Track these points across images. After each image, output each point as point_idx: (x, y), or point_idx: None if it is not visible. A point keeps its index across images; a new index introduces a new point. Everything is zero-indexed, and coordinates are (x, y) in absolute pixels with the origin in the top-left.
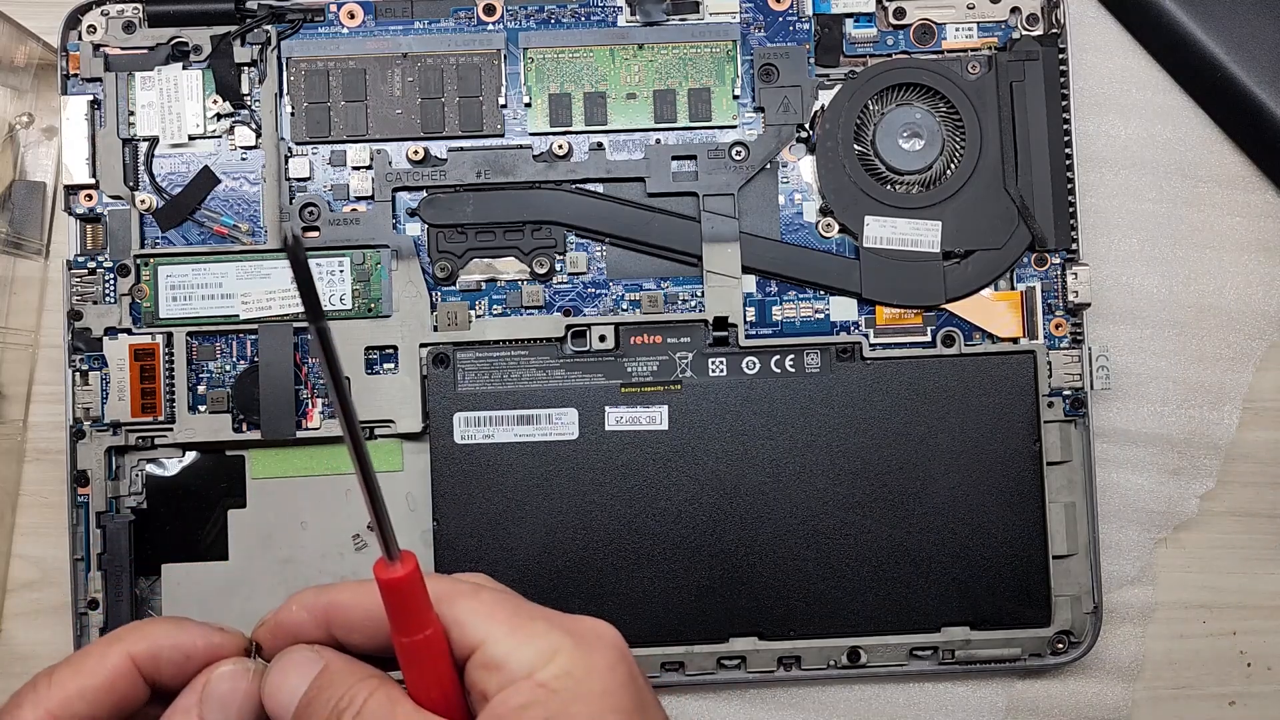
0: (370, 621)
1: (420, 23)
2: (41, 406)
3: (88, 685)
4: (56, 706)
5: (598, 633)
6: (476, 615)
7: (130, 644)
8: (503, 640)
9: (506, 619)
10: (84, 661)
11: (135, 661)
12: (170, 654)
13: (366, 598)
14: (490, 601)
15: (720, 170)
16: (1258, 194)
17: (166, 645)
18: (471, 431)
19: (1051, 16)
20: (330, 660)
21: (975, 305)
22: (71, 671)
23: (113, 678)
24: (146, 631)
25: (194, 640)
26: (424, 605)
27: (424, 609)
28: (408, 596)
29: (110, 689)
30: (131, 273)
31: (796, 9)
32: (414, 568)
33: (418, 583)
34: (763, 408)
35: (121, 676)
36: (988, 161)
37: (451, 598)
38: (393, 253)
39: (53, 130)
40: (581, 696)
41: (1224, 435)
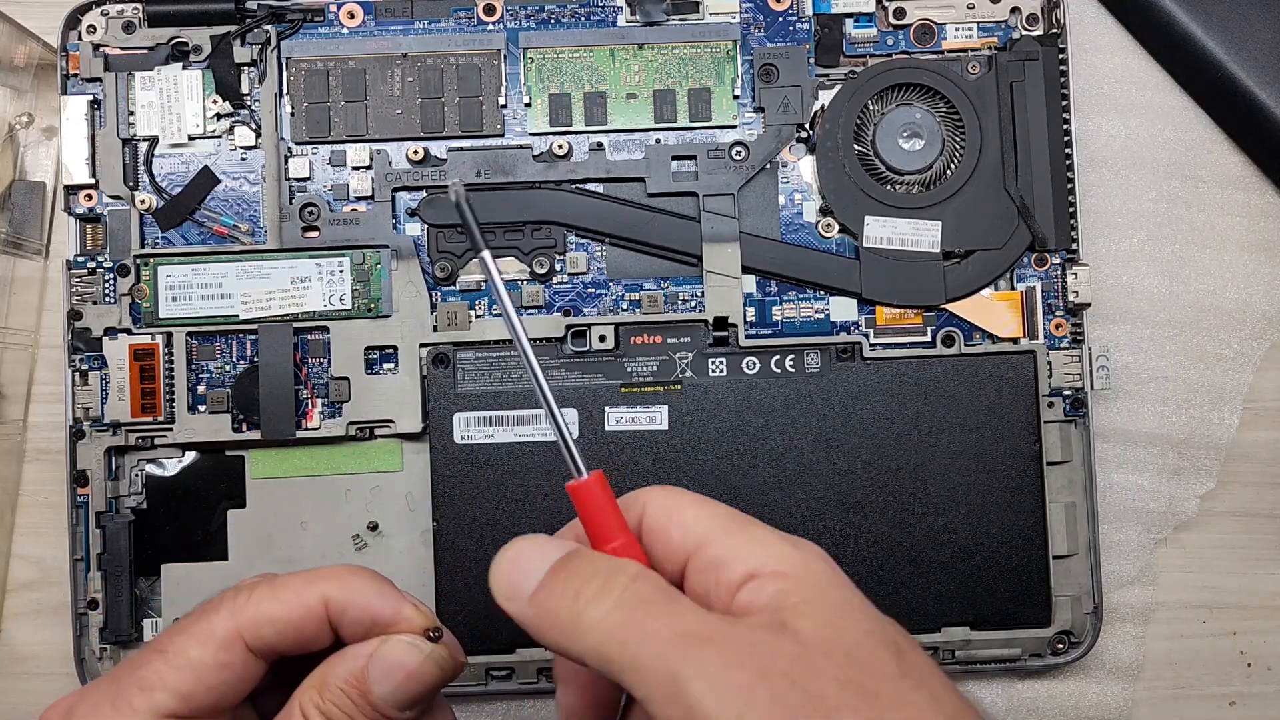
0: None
1: (420, 23)
2: (41, 406)
3: (280, 614)
4: (247, 624)
5: (812, 548)
6: (697, 519)
7: (328, 588)
8: (722, 541)
9: (726, 522)
10: (282, 591)
11: (327, 606)
12: (358, 612)
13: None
14: (710, 508)
15: (720, 170)
16: (1258, 194)
17: (359, 602)
18: (471, 431)
19: (1051, 16)
20: (582, 548)
21: (975, 305)
22: (269, 595)
23: (304, 615)
24: (347, 580)
25: (384, 606)
26: (613, 516)
27: (613, 520)
28: (594, 507)
29: (298, 625)
30: (131, 273)
31: (796, 9)
32: (599, 478)
33: (602, 492)
34: (763, 408)
35: (311, 616)
36: (988, 161)
37: (669, 510)
38: (393, 253)
39: (52, 130)
40: (823, 585)
41: (1224, 435)
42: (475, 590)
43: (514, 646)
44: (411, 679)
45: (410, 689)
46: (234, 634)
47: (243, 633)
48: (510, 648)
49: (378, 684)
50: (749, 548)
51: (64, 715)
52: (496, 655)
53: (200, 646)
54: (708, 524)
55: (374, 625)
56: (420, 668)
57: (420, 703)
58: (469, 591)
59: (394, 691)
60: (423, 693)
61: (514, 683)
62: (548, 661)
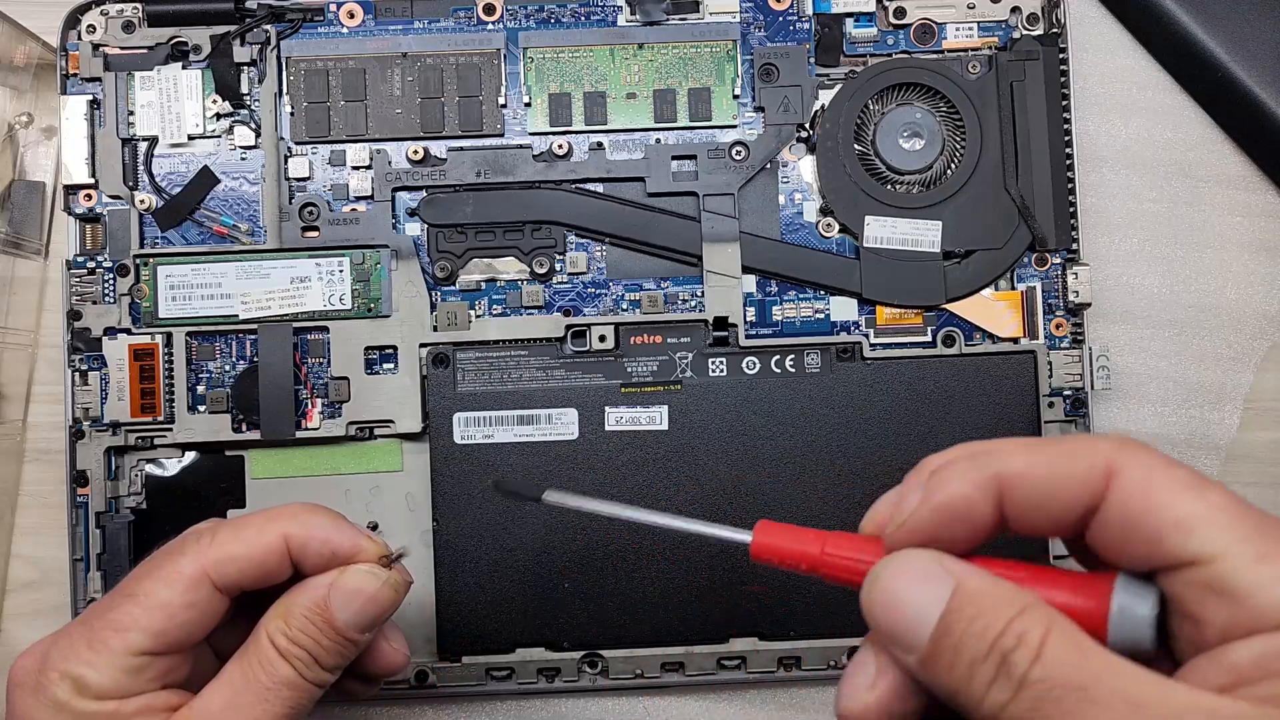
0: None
1: (420, 22)
2: (41, 406)
3: (241, 553)
4: (212, 564)
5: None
6: (1209, 523)
7: (287, 525)
8: (1249, 567)
9: (1251, 537)
10: (243, 530)
11: (288, 542)
12: (319, 546)
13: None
14: (1229, 509)
15: (720, 170)
16: (1258, 194)
17: (318, 536)
18: (471, 431)
19: (1052, 16)
20: (965, 579)
21: (975, 305)
22: (231, 536)
23: (265, 552)
24: (305, 518)
25: (342, 540)
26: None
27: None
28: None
29: (260, 561)
30: (131, 273)
31: (796, 8)
32: (766, 530)
33: (787, 542)
34: (763, 408)
35: (273, 553)
36: (988, 161)
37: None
38: (392, 253)
39: (52, 130)
40: None
41: (1224, 435)
42: (475, 590)
43: (514, 646)
44: (371, 603)
45: (370, 612)
46: (201, 574)
47: (209, 572)
48: (510, 648)
49: (340, 610)
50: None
51: (39, 660)
52: (496, 655)
53: (169, 588)
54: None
55: (334, 557)
56: (378, 593)
57: (378, 624)
58: (469, 591)
59: (355, 616)
60: (380, 615)
61: (514, 683)
62: (548, 662)
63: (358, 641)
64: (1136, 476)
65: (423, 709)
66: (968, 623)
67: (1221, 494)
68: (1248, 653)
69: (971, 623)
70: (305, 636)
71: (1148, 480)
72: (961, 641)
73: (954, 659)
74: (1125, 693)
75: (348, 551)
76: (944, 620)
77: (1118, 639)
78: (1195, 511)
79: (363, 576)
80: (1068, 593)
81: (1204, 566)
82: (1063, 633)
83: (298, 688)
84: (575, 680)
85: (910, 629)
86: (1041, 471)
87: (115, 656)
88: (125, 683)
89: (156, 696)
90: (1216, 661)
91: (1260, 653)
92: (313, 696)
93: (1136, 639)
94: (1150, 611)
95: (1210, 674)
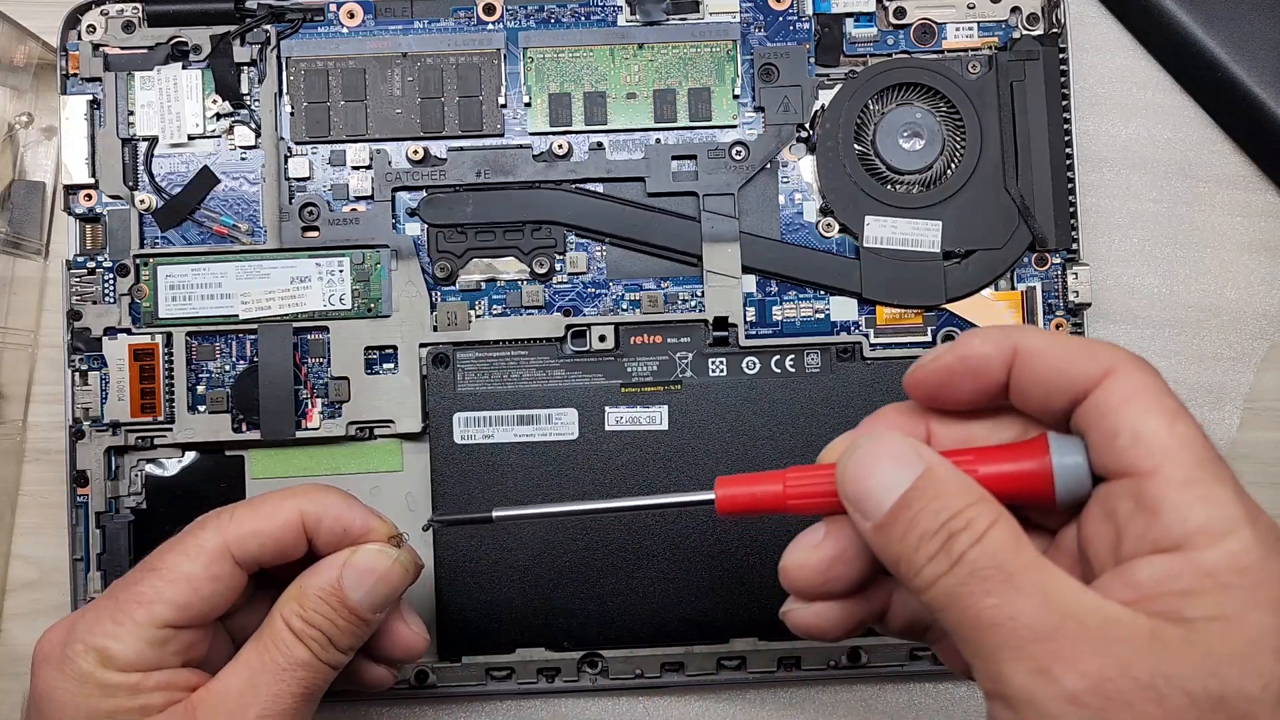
0: (1057, 379)
1: (420, 22)
2: (41, 406)
3: (260, 528)
4: (233, 538)
5: (1277, 534)
6: (1159, 444)
7: (303, 503)
8: (1173, 487)
9: (1188, 464)
10: (261, 507)
11: (303, 519)
12: (332, 523)
13: (1057, 345)
14: (1187, 441)
15: (720, 170)
16: (1258, 194)
17: (332, 514)
18: (471, 431)
19: (1052, 16)
20: (935, 465)
21: (976, 305)
22: (249, 513)
23: (283, 528)
24: (319, 497)
25: (354, 518)
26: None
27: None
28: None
29: (279, 537)
30: (131, 273)
31: (796, 8)
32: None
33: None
34: (763, 408)
35: (290, 529)
36: (988, 161)
37: (1131, 394)
38: (392, 253)
39: (52, 130)
40: (1255, 604)
41: (1224, 435)
42: (475, 590)
43: (514, 646)
44: (382, 581)
45: (381, 591)
46: (222, 548)
47: (230, 546)
48: (510, 648)
49: (353, 589)
50: (1202, 509)
51: (65, 634)
52: (496, 655)
53: (192, 562)
54: (1172, 453)
55: (346, 534)
56: (389, 570)
57: (390, 603)
58: (469, 591)
59: (367, 595)
60: (392, 594)
61: (514, 683)
62: (548, 662)
63: (370, 621)
64: (1124, 384)
65: (423, 709)
66: (926, 501)
67: (1189, 428)
68: (1150, 571)
69: (930, 501)
70: (320, 617)
71: (1132, 391)
72: (917, 516)
73: (906, 530)
74: (1043, 586)
75: (359, 529)
76: (907, 495)
77: (1063, 488)
78: (1154, 430)
79: (374, 555)
80: (1012, 460)
81: (1136, 479)
82: (1006, 526)
83: (313, 668)
84: (575, 680)
85: (875, 496)
86: (1055, 353)
87: (139, 628)
88: (149, 655)
89: (178, 674)
90: (1122, 576)
91: (1161, 571)
92: (327, 677)
93: (1077, 485)
94: (1084, 459)
95: (1115, 587)
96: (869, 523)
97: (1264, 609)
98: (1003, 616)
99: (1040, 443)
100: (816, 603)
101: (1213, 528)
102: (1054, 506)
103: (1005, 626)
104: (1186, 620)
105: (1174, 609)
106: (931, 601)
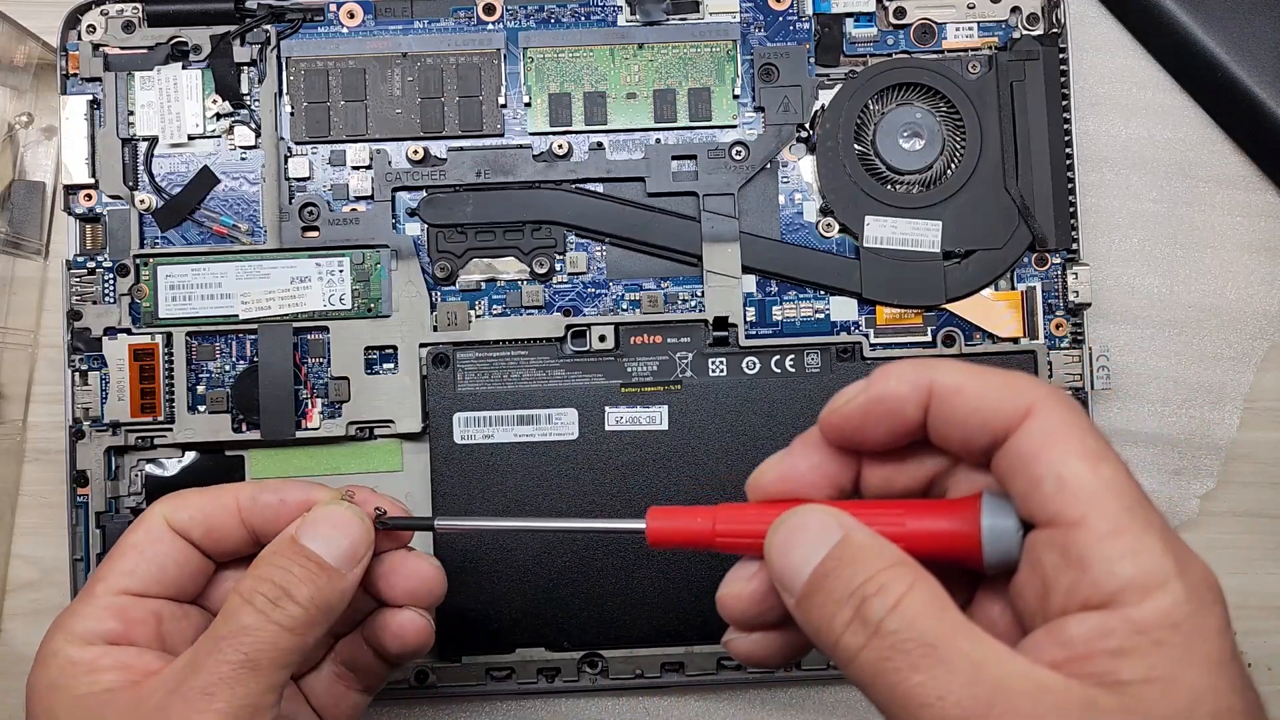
0: (974, 419)
1: (420, 22)
2: (41, 406)
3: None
4: (169, 509)
5: (1209, 583)
6: (1084, 491)
7: (245, 488)
8: (1100, 539)
9: (1115, 513)
10: (209, 489)
11: (238, 499)
12: (270, 496)
13: (975, 383)
14: (1113, 486)
15: (720, 170)
16: (1258, 194)
17: (270, 486)
18: (471, 431)
19: (1052, 16)
20: (851, 531)
21: (975, 305)
22: (196, 491)
23: (214, 502)
24: (262, 483)
25: (293, 487)
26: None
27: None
28: (729, 531)
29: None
30: (131, 273)
31: (796, 8)
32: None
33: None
34: (763, 408)
35: (221, 505)
36: (988, 161)
37: (1050, 437)
38: (393, 253)
39: (52, 130)
40: (1190, 663)
41: (1224, 435)
42: (475, 590)
43: (514, 646)
44: (338, 528)
45: (339, 539)
46: (158, 516)
47: (166, 516)
48: (510, 648)
49: (309, 539)
50: (1131, 562)
51: (54, 627)
52: (496, 655)
53: (134, 532)
54: (1097, 501)
55: (283, 504)
56: (345, 517)
57: (352, 558)
58: (469, 591)
59: (325, 541)
60: (353, 546)
61: (514, 683)
62: (548, 662)
63: (332, 572)
64: (1045, 425)
65: (423, 709)
66: (839, 567)
67: (1115, 471)
68: (1081, 629)
69: (842, 568)
70: (273, 569)
71: (1054, 432)
72: (829, 584)
73: (822, 600)
74: (970, 656)
75: (298, 498)
76: (822, 564)
77: (991, 553)
78: (1078, 476)
79: (328, 506)
80: (942, 518)
81: (1062, 529)
82: (925, 592)
83: (259, 632)
84: (575, 680)
85: (794, 571)
86: (972, 390)
87: (96, 598)
88: (111, 626)
89: (142, 655)
90: (1053, 634)
91: (1092, 629)
92: (283, 645)
93: (1005, 551)
94: (1015, 525)
95: (1046, 647)
96: (791, 598)
97: (1198, 668)
98: (931, 696)
99: (973, 502)
100: (755, 632)
101: (1143, 581)
102: (983, 570)
103: (934, 707)
104: (1121, 684)
105: (1107, 670)
106: (856, 677)
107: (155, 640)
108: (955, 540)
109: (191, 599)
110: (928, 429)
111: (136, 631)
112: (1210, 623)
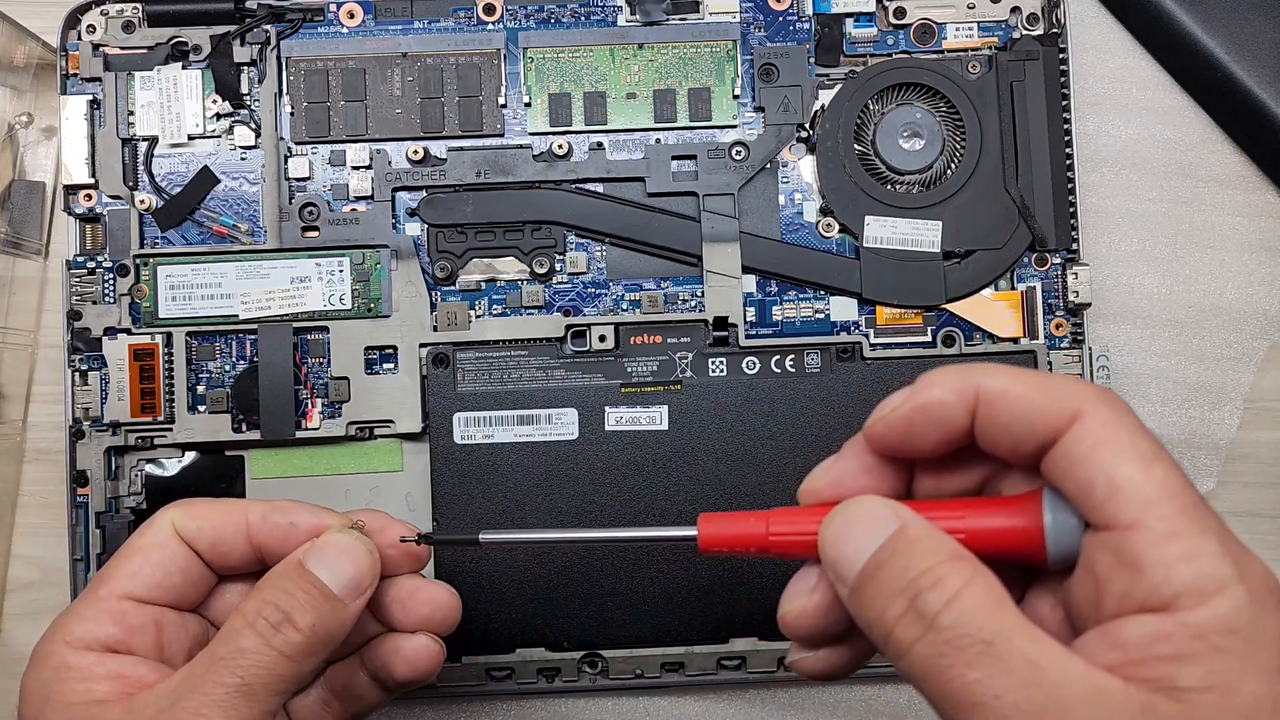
0: (1022, 424)
1: (420, 22)
2: (41, 406)
3: (202, 511)
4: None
5: (1270, 587)
6: (1138, 493)
7: (256, 506)
8: (1156, 542)
9: (1170, 515)
10: (219, 500)
11: (248, 516)
12: (279, 516)
13: (1020, 386)
14: (1166, 487)
15: (720, 170)
16: (1258, 194)
17: (280, 508)
18: (471, 431)
19: (1052, 16)
20: (908, 522)
21: (975, 305)
22: (207, 501)
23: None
24: (274, 503)
25: (303, 511)
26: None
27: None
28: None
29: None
30: (131, 273)
31: (796, 9)
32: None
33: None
34: (763, 408)
35: (230, 520)
36: (988, 161)
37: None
38: (392, 253)
39: (52, 130)
40: (1249, 670)
41: (1225, 435)
42: (475, 590)
43: (514, 646)
44: (345, 555)
45: (345, 566)
46: (166, 522)
47: (175, 523)
48: (510, 648)
49: (315, 565)
50: (1189, 566)
51: (54, 627)
52: (496, 655)
53: (141, 536)
54: (1152, 503)
55: (293, 527)
56: (353, 546)
57: (358, 587)
58: (469, 591)
59: (331, 568)
60: (359, 574)
61: (514, 683)
62: (548, 662)
63: (330, 597)
64: (1096, 427)
65: (422, 709)
66: (894, 558)
67: (1168, 472)
68: (1137, 631)
69: (897, 559)
70: (277, 592)
71: (1104, 434)
72: (883, 574)
73: (875, 591)
74: (1027, 655)
75: (308, 524)
76: (875, 555)
77: (1055, 549)
78: (1131, 478)
79: (336, 533)
80: (1003, 514)
81: (1118, 532)
82: (983, 587)
83: (257, 656)
84: (575, 680)
85: (849, 560)
86: (1017, 394)
87: (99, 600)
88: (111, 630)
89: (138, 666)
90: (1107, 636)
91: (1148, 633)
92: (280, 672)
93: (1069, 546)
94: (1078, 521)
95: (1100, 649)
96: (845, 588)
97: (1258, 676)
98: (987, 695)
99: (1034, 498)
100: (822, 648)
101: (1201, 586)
102: (1045, 566)
103: (990, 706)
104: (1179, 690)
105: (1165, 676)
106: (909, 671)
107: (153, 649)
108: (1017, 536)
109: (192, 608)
110: (975, 435)
111: (135, 639)
112: (1271, 629)
